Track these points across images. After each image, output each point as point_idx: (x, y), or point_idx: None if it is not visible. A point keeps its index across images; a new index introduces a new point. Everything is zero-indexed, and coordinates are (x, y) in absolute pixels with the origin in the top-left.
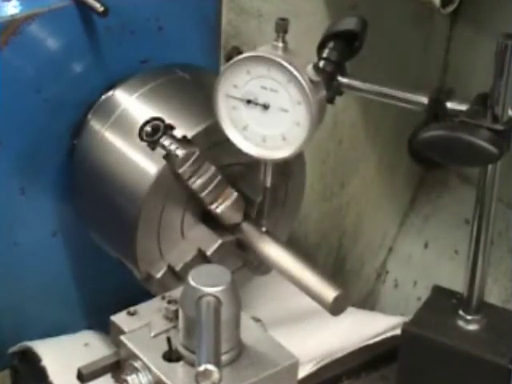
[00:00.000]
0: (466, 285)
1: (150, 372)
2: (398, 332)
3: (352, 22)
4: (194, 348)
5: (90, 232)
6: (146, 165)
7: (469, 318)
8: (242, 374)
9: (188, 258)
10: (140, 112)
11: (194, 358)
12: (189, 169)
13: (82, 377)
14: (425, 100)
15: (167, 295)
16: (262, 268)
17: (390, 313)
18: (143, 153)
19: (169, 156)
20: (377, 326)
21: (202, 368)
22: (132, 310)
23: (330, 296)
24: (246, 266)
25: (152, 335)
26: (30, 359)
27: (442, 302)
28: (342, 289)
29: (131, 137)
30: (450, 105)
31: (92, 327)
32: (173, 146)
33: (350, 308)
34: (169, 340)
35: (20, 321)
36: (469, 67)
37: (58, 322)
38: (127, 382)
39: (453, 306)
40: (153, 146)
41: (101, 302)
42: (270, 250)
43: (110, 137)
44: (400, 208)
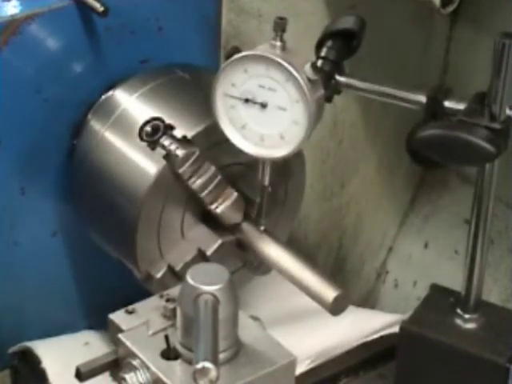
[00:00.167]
0: (464, 283)
1: (148, 370)
2: (395, 330)
3: (350, 20)
4: (192, 346)
5: (89, 232)
6: (145, 165)
7: (467, 316)
8: (240, 372)
9: (188, 257)
10: (140, 112)
11: (192, 356)
12: (189, 169)
13: (80, 375)
14: (423, 99)
15: (165, 294)
16: (261, 268)
17: (389, 313)
18: (143, 153)
19: (169, 156)
20: (375, 323)
21: (200, 366)
22: (130, 308)
23: (330, 296)
24: (245, 266)
25: (150, 333)
26: (30, 360)
27: (440, 301)
28: (342, 289)
29: (131, 137)
30: (448, 104)
31: (92, 327)
32: (173, 146)
33: (349, 306)
34: (167, 338)
35: (20, 321)
36: (469, 67)
37: (58, 321)
38: (125, 380)
39: (451, 305)
40: (153, 146)
41: (101, 301)
42: (269, 249)
43: (110, 137)
44: (400, 208)
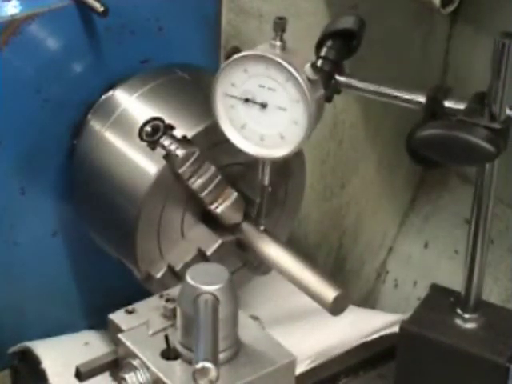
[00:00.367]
0: (463, 283)
1: (148, 370)
2: (395, 329)
3: (350, 20)
4: (192, 346)
5: (89, 232)
6: (145, 165)
7: (467, 316)
8: (240, 371)
9: (188, 257)
10: (140, 112)
11: (191, 356)
12: (189, 169)
13: (80, 375)
14: (422, 99)
15: (165, 293)
16: (261, 268)
17: (389, 313)
18: (143, 153)
19: (169, 156)
20: (375, 323)
21: (200, 366)
22: (130, 308)
23: (330, 296)
24: (245, 266)
25: (150, 333)
26: (30, 360)
27: (440, 301)
28: (342, 289)
29: (131, 137)
30: (448, 103)
31: (92, 327)
32: (173, 146)
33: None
34: (167, 338)
35: (20, 321)
36: (469, 67)
37: (58, 321)
38: (125, 380)
39: (451, 305)
40: (153, 146)
41: (101, 301)
42: (269, 249)
43: (110, 137)
44: (400, 208)
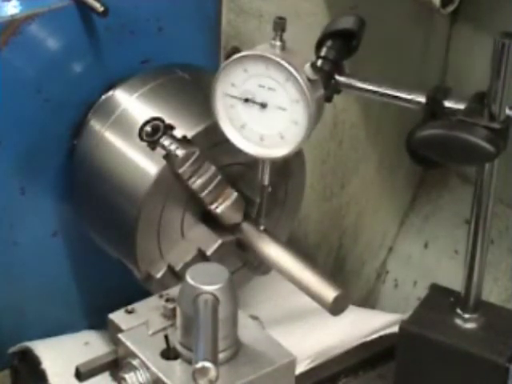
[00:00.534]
0: (463, 283)
1: (148, 370)
2: (395, 329)
3: (350, 20)
4: (192, 346)
5: (89, 232)
6: (146, 165)
7: (466, 316)
8: (240, 371)
9: (188, 257)
10: (140, 112)
11: (191, 356)
12: (189, 169)
13: (80, 375)
14: (422, 99)
15: (165, 293)
16: (261, 268)
17: (389, 313)
18: (143, 153)
19: (169, 156)
20: (374, 323)
21: (200, 365)
22: (130, 308)
23: (330, 296)
24: (245, 266)
25: (150, 333)
26: (30, 360)
27: (439, 301)
28: (342, 289)
29: (131, 137)
30: (448, 103)
31: (92, 327)
32: (173, 146)
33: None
34: (166, 338)
35: (20, 321)
36: (469, 67)
37: (58, 321)
38: (125, 379)
39: (450, 305)
40: (153, 145)
41: (101, 301)
42: (269, 249)
43: (110, 137)
44: (400, 208)
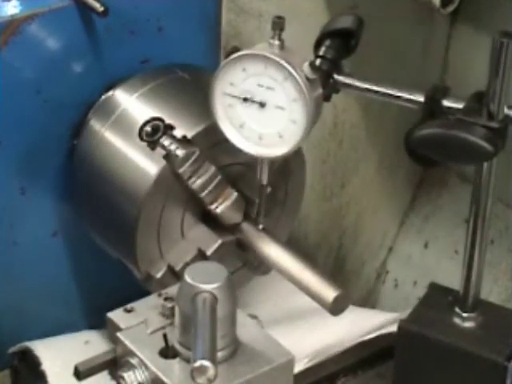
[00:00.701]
0: (462, 282)
1: (147, 369)
2: (394, 329)
3: (348, 20)
4: (191, 345)
5: (90, 232)
6: (146, 165)
7: (465, 315)
8: (238, 370)
9: (188, 257)
10: (140, 112)
11: (190, 355)
12: (189, 169)
13: (79, 374)
14: (421, 98)
15: (163, 292)
16: (261, 268)
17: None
18: (143, 153)
19: (169, 156)
20: (373, 322)
21: (198, 364)
22: (129, 307)
23: (330, 296)
24: (245, 266)
25: (148, 332)
26: (30, 360)
27: (438, 300)
28: (342, 289)
29: (131, 137)
30: (446, 102)
31: (92, 327)
32: (173, 146)
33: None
34: (165, 337)
35: (20, 321)
36: (469, 66)
37: (58, 321)
38: (124, 378)
39: (449, 304)
40: (153, 145)
41: (101, 301)
42: (269, 249)
43: (110, 137)
44: (400, 208)
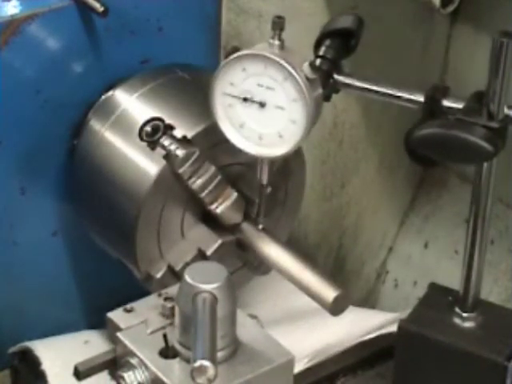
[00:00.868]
0: (462, 282)
1: (147, 369)
2: (394, 329)
3: (348, 20)
4: (190, 345)
5: (90, 232)
6: (146, 165)
7: (465, 315)
8: (238, 370)
9: (188, 257)
10: (140, 112)
11: (190, 355)
12: (189, 169)
13: (79, 374)
14: (421, 98)
15: (163, 292)
16: (261, 268)
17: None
18: (143, 153)
19: (169, 156)
20: (373, 322)
21: (198, 364)
22: (128, 307)
23: (330, 296)
24: (245, 266)
25: (148, 332)
26: (30, 360)
27: (438, 300)
28: (342, 289)
29: (131, 137)
30: (446, 102)
31: (92, 327)
32: (173, 146)
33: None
34: (165, 337)
35: (20, 321)
36: (469, 66)
37: (58, 321)
38: (123, 378)
39: (449, 304)
40: (153, 145)
41: (101, 302)
42: (269, 250)
43: (110, 137)
44: (400, 208)
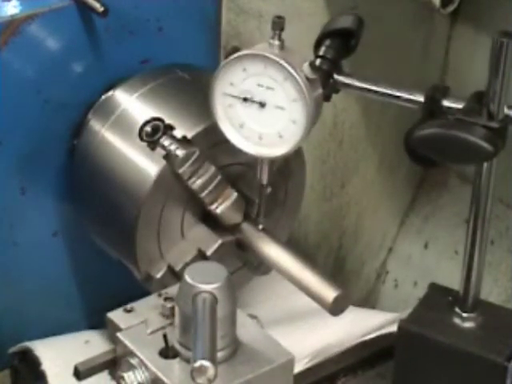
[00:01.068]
0: (462, 282)
1: (147, 369)
2: (394, 329)
3: (348, 20)
4: (190, 345)
5: (90, 232)
6: (146, 165)
7: (465, 315)
8: (238, 370)
9: (188, 258)
10: (140, 112)
11: (190, 355)
12: (189, 169)
13: (79, 374)
14: (421, 98)
15: (163, 292)
16: (261, 268)
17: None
18: (143, 153)
19: (169, 156)
20: (373, 322)
21: (198, 364)
22: (129, 307)
23: (330, 296)
24: (245, 266)
25: (148, 332)
26: (30, 361)
27: (438, 300)
28: (342, 289)
29: (131, 137)
30: (446, 102)
31: (92, 327)
32: (173, 146)
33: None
34: (165, 337)
35: (20, 321)
36: (469, 67)
37: (59, 322)
38: (124, 378)
39: (449, 304)
40: (153, 146)
41: (101, 302)
42: (269, 250)
43: (110, 137)
44: (400, 208)
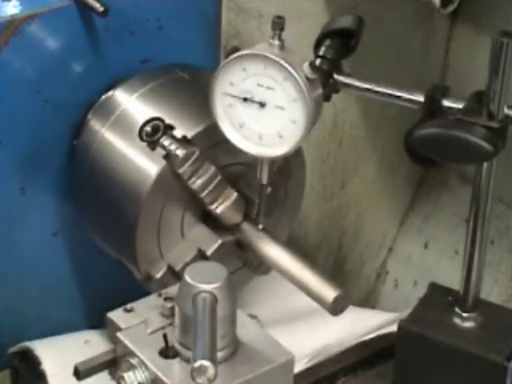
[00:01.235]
0: (462, 282)
1: (147, 369)
2: (394, 328)
3: (348, 20)
4: (190, 345)
5: (90, 232)
6: (146, 165)
7: (465, 315)
8: (238, 370)
9: (188, 257)
10: (140, 112)
11: (190, 355)
12: (189, 169)
13: (79, 373)
14: (421, 98)
15: (164, 292)
16: (261, 268)
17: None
18: (143, 153)
19: (169, 156)
20: (373, 321)
21: (198, 364)
22: (129, 307)
23: (330, 296)
24: (245, 266)
25: (148, 332)
26: (30, 361)
27: (438, 300)
28: (342, 289)
29: (131, 137)
30: (446, 102)
31: (92, 327)
32: (173, 146)
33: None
34: (165, 337)
35: (20, 321)
36: (469, 67)
37: (59, 322)
38: (124, 378)
39: (449, 304)
40: (153, 146)
41: (101, 302)
42: (269, 250)
43: (110, 137)
44: (400, 208)
